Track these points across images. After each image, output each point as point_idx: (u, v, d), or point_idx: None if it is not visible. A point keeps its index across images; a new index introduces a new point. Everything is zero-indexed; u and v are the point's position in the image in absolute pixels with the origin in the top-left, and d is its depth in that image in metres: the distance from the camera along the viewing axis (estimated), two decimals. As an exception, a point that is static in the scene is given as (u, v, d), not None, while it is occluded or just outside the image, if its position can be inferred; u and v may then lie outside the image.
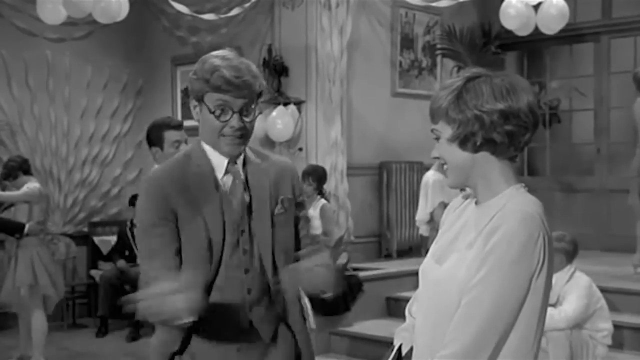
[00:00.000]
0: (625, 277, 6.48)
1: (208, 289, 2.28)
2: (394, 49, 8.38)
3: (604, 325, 5.01)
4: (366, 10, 8.10)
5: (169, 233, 2.27)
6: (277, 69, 7.72)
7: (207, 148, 2.34)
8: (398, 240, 8.15)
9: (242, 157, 2.38)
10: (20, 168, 6.31)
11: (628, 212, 6.81)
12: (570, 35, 8.42)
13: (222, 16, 7.84)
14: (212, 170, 2.33)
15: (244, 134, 2.31)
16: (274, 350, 2.38)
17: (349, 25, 7.58)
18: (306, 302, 2.37)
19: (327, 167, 7.33)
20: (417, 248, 8.04)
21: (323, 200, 6.37)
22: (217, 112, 2.26)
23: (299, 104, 7.65)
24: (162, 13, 8.67)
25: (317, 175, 6.39)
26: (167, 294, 2.07)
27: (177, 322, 2.14)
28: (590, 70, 8.83)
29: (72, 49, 8.50)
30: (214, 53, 2.33)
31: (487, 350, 1.78)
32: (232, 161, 2.34)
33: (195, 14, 7.79)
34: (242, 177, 2.36)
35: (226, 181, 2.34)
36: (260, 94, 2.33)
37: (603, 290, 5.14)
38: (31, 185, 6.25)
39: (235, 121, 2.27)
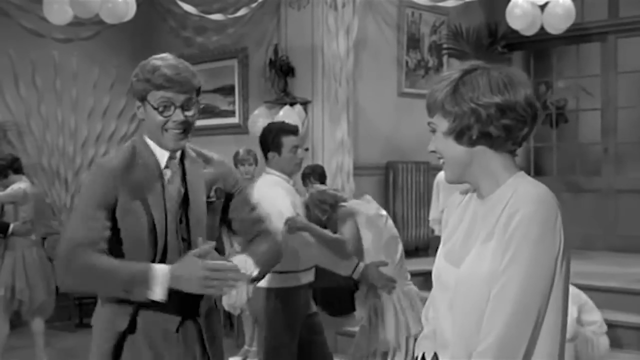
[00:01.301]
0: (632, 277, 6.45)
1: None
2: (400, 49, 8.37)
3: (594, 318, 5.06)
4: (372, 10, 8.10)
5: (103, 219, 2.40)
6: (283, 69, 7.73)
7: (150, 143, 2.51)
8: (405, 240, 8.08)
9: (180, 152, 2.54)
10: (10, 167, 6.22)
11: (635, 212, 6.80)
12: (577, 34, 8.40)
13: (229, 16, 7.86)
14: (156, 163, 2.51)
15: (187, 128, 2.47)
16: (206, 323, 2.57)
17: (355, 25, 7.58)
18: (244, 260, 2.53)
19: (334, 167, 7.34)
20: (424, 248, 8.04)
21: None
22: (161, 109, 2.43)
23: (305, 104, 7.65)
24: (169, 13, 8.68)
25: (317, 174, 6.43)
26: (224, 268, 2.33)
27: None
28: (597, 70, 8.81)
29: (79, 49, 8.52)
30: (153, 57, 2.50)
31: (523, 338, 1.73)
32: (172, 156, 2.51)
33: (202, 14, 7.81)
34: (180, 170, 2.53)
35: (166, 173, 2.51)
36: (199, 90, 2.50)
37: (605, 289, 5.13)
38: (16, 186, 6.16)
39: (177, 115, 2.43)
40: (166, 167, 2.52)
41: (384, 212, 4.26)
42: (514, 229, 1.75)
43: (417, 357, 2.07)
